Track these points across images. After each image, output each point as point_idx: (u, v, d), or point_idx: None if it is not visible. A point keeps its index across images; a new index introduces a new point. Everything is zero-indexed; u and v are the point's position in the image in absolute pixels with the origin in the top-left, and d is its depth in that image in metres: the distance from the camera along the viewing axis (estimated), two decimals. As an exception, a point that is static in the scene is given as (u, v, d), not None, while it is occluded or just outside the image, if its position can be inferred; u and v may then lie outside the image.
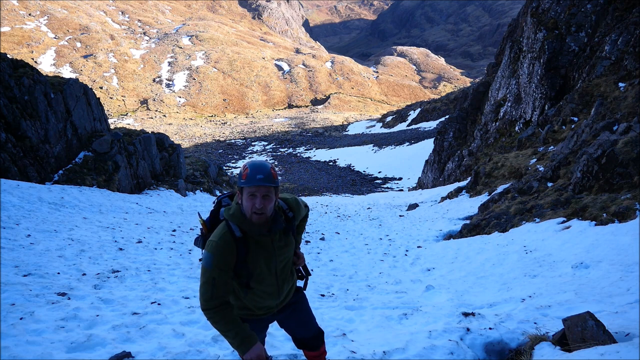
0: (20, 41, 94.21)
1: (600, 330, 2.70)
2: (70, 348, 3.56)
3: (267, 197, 2.13)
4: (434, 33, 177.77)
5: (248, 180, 2.09)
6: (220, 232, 2.20)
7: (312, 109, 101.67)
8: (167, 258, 7.88)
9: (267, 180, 2.10)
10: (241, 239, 2.18)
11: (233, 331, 2.18)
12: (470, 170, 22.35)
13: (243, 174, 2.13)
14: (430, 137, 46.77)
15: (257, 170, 2.11)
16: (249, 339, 2.20)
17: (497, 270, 6.92)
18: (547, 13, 21.38)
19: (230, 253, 2.16)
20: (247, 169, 2.12)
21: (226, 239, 2.16)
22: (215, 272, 2.15)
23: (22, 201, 10.76)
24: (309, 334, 2.68)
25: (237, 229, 2.18)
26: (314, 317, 2.72)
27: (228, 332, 2.18)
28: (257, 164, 2.15)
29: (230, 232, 2.18)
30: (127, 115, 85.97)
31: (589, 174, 9.12)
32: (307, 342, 2.70)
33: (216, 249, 2.15)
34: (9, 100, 13.79)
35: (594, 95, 15.83)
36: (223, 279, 2.16)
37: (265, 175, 2.10)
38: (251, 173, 2.10)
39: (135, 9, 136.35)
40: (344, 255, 9.69)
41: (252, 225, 2.16)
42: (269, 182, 2.10)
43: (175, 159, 21.99)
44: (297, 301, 2.60)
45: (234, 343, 2.20)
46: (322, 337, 2.74)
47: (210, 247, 2.17)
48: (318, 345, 2.73)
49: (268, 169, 2.13)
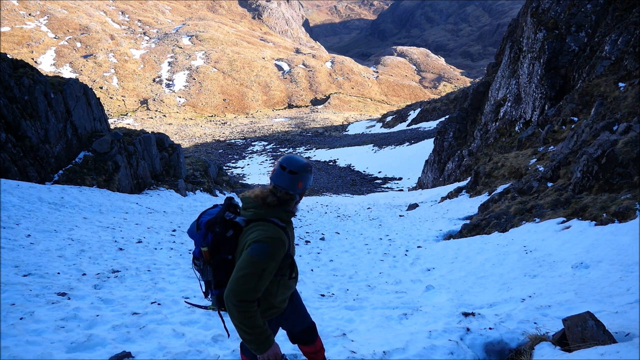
0: (20, 41, 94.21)
1: (600, 330, 2.70)
2: (70, 348, 3.56)
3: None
4: (434, 33, 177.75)
5: (309, 183, 2.40)
6: (269, 226, 2.21)
7: (312, 109, 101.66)
8: (167, 258, 7.87)
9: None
10: (284, 228, 2.28)
11: (260, 328, 2.17)
12: (470, 170, 22.35)
13: (298, 184, 2.33)
14: (430, 137, 46.78)
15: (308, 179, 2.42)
16: (271, 337, 2.24)
17: (497, 270, 6.92)
18: (547, 13, 21.38)
19: (284, 244, 2.23)
20: (301, 182, 2.35)
21: (279, 231, 2.22)
22: (267, 263, 2.14)
23: (22, 201, 10.76)
24: (301, 327, 2.73)
25: (278, 220, 2.28)
26: (305, 309, 2.79)
27: (255, 329, 2.15)
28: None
29: (276, 223, 2.25)
30: (127, 115, 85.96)
31: (589, 174, 9.12)
32: (300, 335, 2.75)
33: (277, 245, 2.17)
34: (9, 100, 13.79)
35: (594, 95, 15.83)
36: (271, 273, 2.18)
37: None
38: (305, 183, 2.37)
39: (135, 9, 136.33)
40: (344, 255, 9.69)
41: (292, 215, 2.37)
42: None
43: (175, 159, 21.99)
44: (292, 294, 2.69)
45: (258, 340, 2.17)
46: (315, 331, 2.79)
47: (269, 240, 2.16)
48: (312, 339, 2.76)
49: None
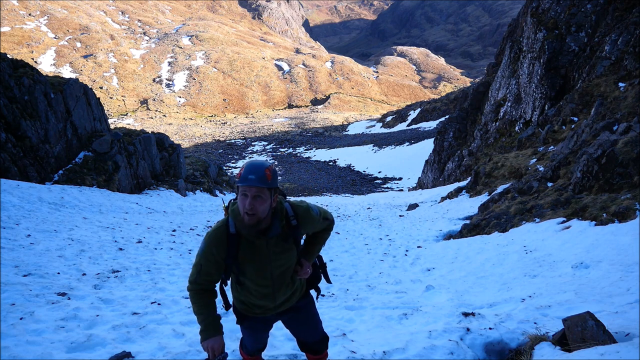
0: (20, 41, 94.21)
1: (600, 330, 2.70)
2: (70, 348, 3.55)
3: (258, 197, 2.07)
4: (434, 33, 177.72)
5: (241, 179, 2.07)
6: (217, 225, 2.27)
7: (312, 109, 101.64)
8: (167, 258, 7.88)
9: (259, 181, 2.05)
10: (234, 236, 2.20)
11: (202, 315, 2.27)
12: (470, 170, 22.34)
13: (239, 172, 2.12)
14: (430, 137, 46.75)
15: (251, 170, 2.07)
16: (212, 329, 2.26)
17: (497, 270, 6.92)
18: (547, 13, 21.38)
19: (219, 246, 2.21)
20: (243, 168, 2.10)
21: (219, 233, 2.23)
22: (203, 259, 2.24)
23: (22, 201, 10.76)
24: (313, 339, 2.68)
25: (233, 225, 2.21)
26: (320, 323, 2.70)
27: (198, 315, 2.28)
28: (253, 164, 2.11)
29: (226, 226, 2.23)
30: (127, 115, 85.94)
31: (589, 174, 9.11)
32: (310, 346, 2.70)
33: (208, 239, 2.24)
34: (9, 100, 13.79)
35: (594, 95, 15.83)
36: (207, 268, 2.24)
37: (258, 176, 2.05)
38: (245, 172, 2.07)
39: (135, 9, 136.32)
40: (344, 255, 9.69)
41: (243, 224, 2.14)
42: (260, 182, 2.05)
43: (175, 159, 21.99)
44: (303, 306, 2.57)
45: (200, 327, 2.28)
46: (326, 343, 2.73)
47: (206, 235, 2.27)
48: (321, 350, 2.73)
49: (262, 170, 2.08)
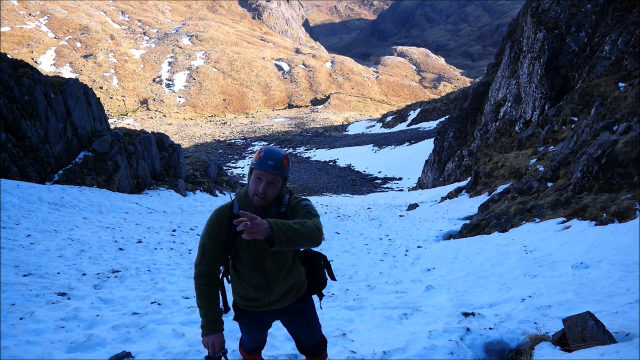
0: (20, 41, 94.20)
1: (600, 330, 2.70)
2: (70, 348, 3.55)
3: (272, 183, 2.17)
4: (434, 33, 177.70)
5: (259, 163, 2.15)
6: (221, 205, 2.34)
7: (312, 109, 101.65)
8: (167, 258, 7.88)
9: (276, 167, 2.15)
10: (237, 217, 2.17)
11: (205, 310, 2.28)
12: (470, 170, 22.33)
13: (256, 156, 2.19)
14: (430, 137, 46.76)
15: (270, 156, 2.16)
16: (214, 325, 2.28)
17: (497, 270, 6.92)
18: (547, 13, 21.38)
19: (221, 225, 2.26)
20: (262, 153, 2.18)
21: (223, 212, 2.28)
22: (206, 239, 2.28)
23: (22, 201, 10.76)
24: (311, 342, 2.69)
25: (237, 206, 2.26)
26: (319, 326, 2.70)
27: (201, 309, 2.29)
28: (272, 150, 2.20)
29: (230, 207, 2.28)
30: (127, 115, 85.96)
31: (589, 174, 9.11)
32: (309, 349, 2.71)
33: (212, 218, 2.29)
34: (9, 100, 13.79)
35: (594, 95, 15.83)
36: (211, 248, 2.27)
37: (276, 163, 2.15)
38: (264, 157, 2.16)
39: (135, 9, 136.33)
40: (344, 255, 9.69)
41: (251, 206, 2.21)
42: (277, 170, 2.16)
43: (175, 159, 21.99)
44: (302, 309, 2.56)
45: (202, 322, 2.30)
46: (324, 346, 2.74)
47: (210, 215, 2.31)
48: (320, 352, 2.73)
49: (280, 158, 2.17)
